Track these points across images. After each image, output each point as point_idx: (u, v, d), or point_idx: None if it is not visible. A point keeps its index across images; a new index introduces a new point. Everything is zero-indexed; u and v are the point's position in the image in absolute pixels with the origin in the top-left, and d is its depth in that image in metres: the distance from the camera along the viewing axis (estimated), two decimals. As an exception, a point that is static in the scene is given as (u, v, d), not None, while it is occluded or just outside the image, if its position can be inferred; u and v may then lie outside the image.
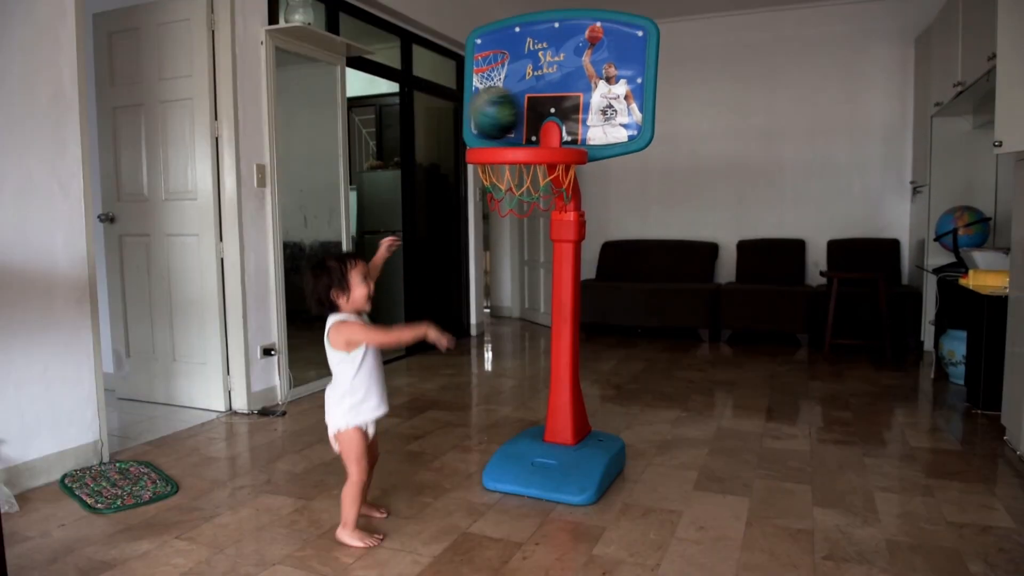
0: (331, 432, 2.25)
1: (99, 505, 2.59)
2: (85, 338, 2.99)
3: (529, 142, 2.84)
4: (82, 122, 2.96)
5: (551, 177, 2.58)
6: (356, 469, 2.23)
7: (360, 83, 6.17)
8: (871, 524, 2.41)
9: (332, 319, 2.20)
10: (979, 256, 3.95)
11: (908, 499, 2.63)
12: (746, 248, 6.54)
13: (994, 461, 3.04)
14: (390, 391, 4.43)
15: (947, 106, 4.61)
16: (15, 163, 2.72)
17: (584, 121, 2.75)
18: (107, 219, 4.04)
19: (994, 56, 3.21)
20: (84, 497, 2.65)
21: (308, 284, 2.19)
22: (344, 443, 2.23)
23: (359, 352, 2.20)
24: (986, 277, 3.67)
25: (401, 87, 5.39)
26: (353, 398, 2.22)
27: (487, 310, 7.57)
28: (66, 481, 2.81)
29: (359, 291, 2.19)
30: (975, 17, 3.96)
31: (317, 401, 4.10)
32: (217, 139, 3.75)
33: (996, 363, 3.42)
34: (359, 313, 2.25)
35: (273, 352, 4.02)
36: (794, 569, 2.11)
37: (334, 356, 2.21)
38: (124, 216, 4.03)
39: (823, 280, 6.05)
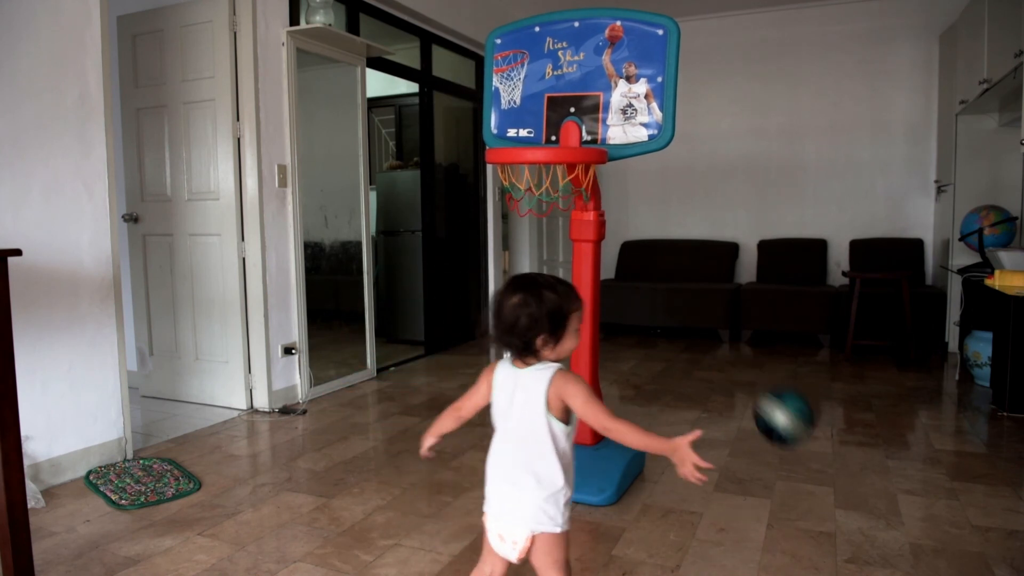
0: (533, 532, 1.50)
1: (123, 501, 2.62)
2: (109, 336, 3.03)
3: (549, 142, 2.84)
4: (107, 123, 3.00)
5: (570, 177, 2.57)
6: None
7: (380, 83, 6.19)
8: (894, 527, 2.38)
9: (548, 370, 1.48)
10: (1005, 256, 3.89)
11: (932, 502, 2.60)
12: (767, 248, 6.48)
13: (1020, 464, 2.99)
14: (408, 390, 4.48)
15: (972, 104, 4.55)
16: (42, 164, 2.76)
17: (604, 120, 2.75)
18: (131, 219, 4.09)
19: (1021, 52, 3.16)
20: (108, 493, 2.69)
21: (508, 313, 1.47)
22: (557, 548, 1.52)
23: (573, 423, 1.54)
24: (1012, 277, 3.61)
25: (421, 87, 5.41)
26: (569, 488, 1.52)
27: (506, 310, 7.56)
28: (91, 477, 2.84)
29: (571, 343, 1.51)
30: (1001, 13, 3.90)
31: (337, 400, 4.13)
32: (239, 140, 3.79)
33: (1022, 365, 3.36)
34: None
35: (294, 351, 4.05)
36: (816, 572, 2.09)
37: (556, 427, 1.48)
38: (148, 216, 4.08)
39: (845, 280, 5.99)
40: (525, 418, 1.49)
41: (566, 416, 1.50)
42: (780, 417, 1.50)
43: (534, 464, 1.49)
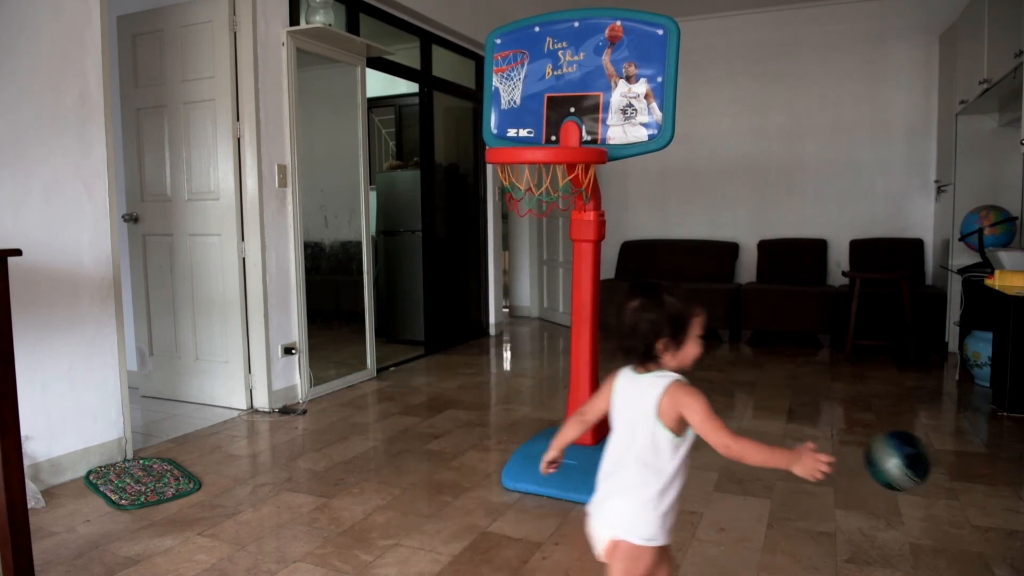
0: (612, 537, 1.49)
1: (123, 501, 2.62)
2: (109, 336, 3.03)
3: (549, 142, 2.84)
4: (107, 123, 3.00)
5: (571, 177, 2.57)
6: None
7: (380, 83, 6.19)
8: (894, 527, 2.38)
9: (666, 379, 1.49)
10: (1005, 256, 3.89)
11: (932, 502, 2.60)
12: (767, 248, 6.48)
13: (1020, 464, 2.99)
14: (409, 390, 4.48)
15: (972, 104, 4.55)
16: (42, 164, 2.76)
17: (604, 120, 2.75)
18: (131, 219, 4.09)
19: (1021, 52, 3.16)
20: (108, 493, 2.69)
21: (629, 317, 1.50)
22: (632, 561, 1.48)
23: (687, 438, 1.51)
24: (1012, 277, 3.61)
25: (421, 87, 5.41)
26: (665, 502, 1.48)
27: (506, 310, 7.57)
28: (91, 477, 2.84)
29: (693, 349, 1.52)
30: (1001, 13, 3.90)
31: (337, 400, 4.13)
32: (239, 140, 3.78)
33: (1022, 365, 3.37)
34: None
35: (294, 351, 4.05)
36: (816, 572, 2.09)
37: (661, 435, 1.47)
38: (148, 216, 4.08)
39: (845, 280, 5.99)
40: (633, 421, 1.50)
41: (678, 428, 1.48)
42: (892, 464, 1.46)
43: (628, 469, 1.49)
